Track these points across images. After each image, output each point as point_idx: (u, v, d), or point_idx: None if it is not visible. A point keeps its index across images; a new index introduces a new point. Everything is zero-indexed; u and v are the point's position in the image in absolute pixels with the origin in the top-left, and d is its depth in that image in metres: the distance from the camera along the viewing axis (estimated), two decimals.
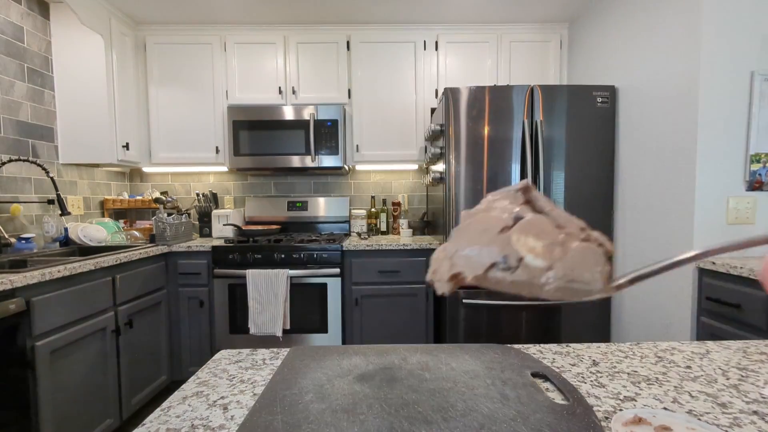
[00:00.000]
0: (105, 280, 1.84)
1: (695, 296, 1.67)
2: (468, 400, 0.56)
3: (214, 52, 2.69)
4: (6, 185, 2.04)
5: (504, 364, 0.69)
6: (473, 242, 0.23)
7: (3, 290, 1.35)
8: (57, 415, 1.55)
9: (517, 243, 0.22)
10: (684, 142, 1.74)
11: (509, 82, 2.73)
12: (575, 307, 2.25)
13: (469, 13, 2.61)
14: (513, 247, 0.22)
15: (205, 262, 2.38)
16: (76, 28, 2.30)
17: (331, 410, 0.54)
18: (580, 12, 2.59)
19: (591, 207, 2.23)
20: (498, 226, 0.24)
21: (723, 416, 0.53)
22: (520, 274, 0.22)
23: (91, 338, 1.75)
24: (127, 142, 2.50)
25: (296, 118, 2.60)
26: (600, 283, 0.21)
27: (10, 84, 2.07)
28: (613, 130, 2.23)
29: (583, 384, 0.63)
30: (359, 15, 2.63)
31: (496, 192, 0.27)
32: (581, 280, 0.21)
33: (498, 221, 0.24)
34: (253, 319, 2.29)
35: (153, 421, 0.54)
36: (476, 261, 0.23)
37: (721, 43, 1.64)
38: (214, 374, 0.69)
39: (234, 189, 3.03)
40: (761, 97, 1.63)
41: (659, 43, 1.89)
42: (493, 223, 0.24)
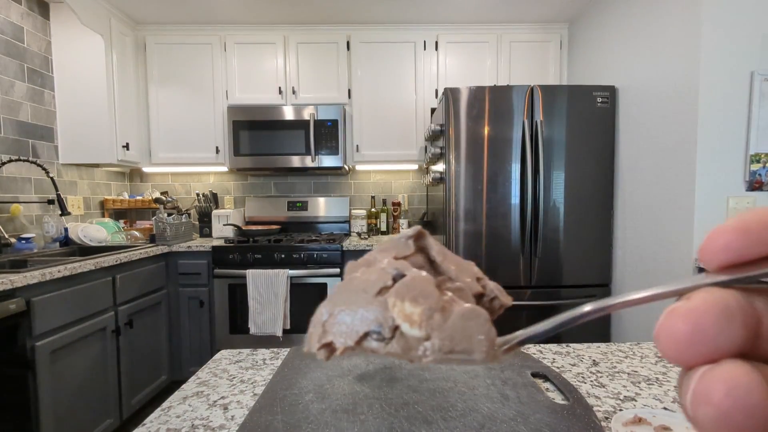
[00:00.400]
0: (105, 280, 1.84)
1: None
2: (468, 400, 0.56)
3: (214, 52, 2.69)
4: (6, 185, 2.04)
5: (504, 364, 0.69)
6: (350, 305, 0.21)
7: (3, 290, 1.35)
8: (57, 415, 1.55)
9: (393, 309, 0.20)
10: (684, 142, 1.74)
11: (509, 82, 2.73)
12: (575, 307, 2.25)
13: (469, 13, 2.61)
14: (390, 314, 0.20)
15: (205, 262, 2.38)
16: (76, 28, 2.30)
17: (331, 410, 0.55)
18: (579, 12, 2.59)
19: (591, 207, 2.23)
20: (376, 286, 0.21)
21: None
22: (394, 345, 0.20)
23: (91, 338, 1.75)
24: (127, 142, 2.50)
25: (296, 118, 2.60)
26: (482, 354, 0.19)
27: (10, 84, 2.07)
28: (613, 130, 2.23)
29: (583, 384, 0.63)
30: (359, 15, 2.63)
31: (386, 241, 0.25)
32: (461, 350, 0.19)
33: (378, 280, 0.21)
34: (254, 319, 2.29)
35: (153, 421, 0.54)
36: (349, 329, 0.20)
37: (721, 43, 1.64)
38: (215, 374, 0.69)
39: (234, 189, 3.03)
40: (761, 97, 1.63)
41: (659, 43, 1.89)
42: (372, 281, 0.21)
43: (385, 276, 0.22)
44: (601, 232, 2.25)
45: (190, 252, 2.39)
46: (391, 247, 0.24)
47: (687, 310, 0.14)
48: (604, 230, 2.25)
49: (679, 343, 0.13)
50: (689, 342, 0.13)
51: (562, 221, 2.22)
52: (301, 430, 0.50)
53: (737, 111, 1.65)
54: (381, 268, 0.23)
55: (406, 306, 0.20)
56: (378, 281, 0.22)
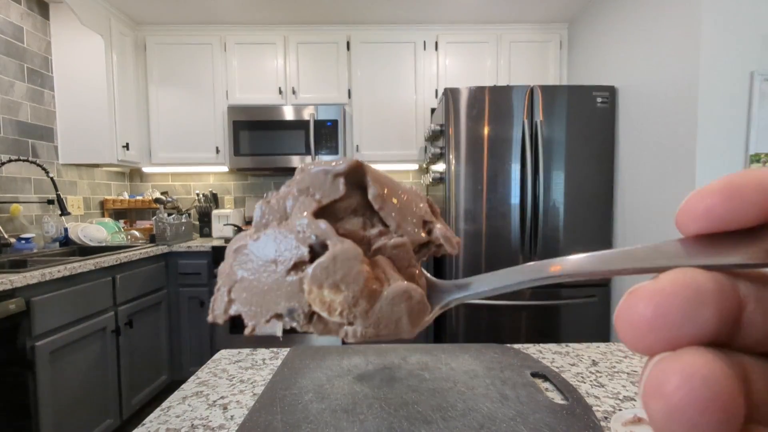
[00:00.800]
0: (105, 280, 1.84)
1: None
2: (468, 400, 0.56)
3: (214, 52, 2.69)
4: (6, 185, 2.04)
5: (503, 363, 0.69)
6: (259, 276, 0.18)
7: (3, 290, 1.35)
8: (57, 415, 1.55)
9: (309, 295, 0.17)
10: (684, 142, 1.74)
11: (509, 82, 2.73)
12: (575, 307, 2.25)
13: (469, 13, 2.61)
14: (304, 298, 0.17)
15: (206, 262, 2.38)
16: (76, 28, 2.30)
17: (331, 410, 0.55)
18: (579, 12, 2.59)
19: (591, 207, 2.23)
20: (290, 259, 0.18)
21: None
22: (312, 328, 0.18)
23: (91, 338, 1.75)
24: (127, 142, 2.50)
25: (296, 118, 2.60)
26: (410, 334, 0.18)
27: (9, 84, 2.07)
28: (613, 130, 2.23)
29: (582, 384, 0.63)
30: (359, 15, 2.63)
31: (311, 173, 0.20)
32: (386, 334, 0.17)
33: (292, 250, 0.18)
34: None
35: (153, 421, 0.54)
36: (258, 306, 0.18)
37: (721, 43, 1.64)
38: (214, 374, 0.69)
39: (234, 189, 3.03)
40: (761, 97, 1.63)
41: (659, 43, 1.89)
42: (285, 251, 0.18)
43: (301, 244, 0.18)
44: (601, 232, 2.25)
45: (191, 252, 2.39)
46: (316, 185, 0.19)
47: (651, 291, 0.12)
48: (604, 230, 2.25)
49: (638, 328, 0.12)
50: (649, 327, 0.11)
51: (562, 221, 2.22)
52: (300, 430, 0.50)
53: (737, 111, 1.65)
54: (297, 230, 0.18)
55: (324, 293, 0.17)
56: (292, 253, 0.18)
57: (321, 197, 0.19)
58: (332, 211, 0.19)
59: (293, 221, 0.19)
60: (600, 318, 2.27)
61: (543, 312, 2.24)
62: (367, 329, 0.17)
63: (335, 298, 0.17)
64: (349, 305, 0.17)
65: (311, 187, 0.19)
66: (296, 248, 0.18)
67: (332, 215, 0.19)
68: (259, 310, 0.18)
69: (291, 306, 0.18)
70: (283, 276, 0.18)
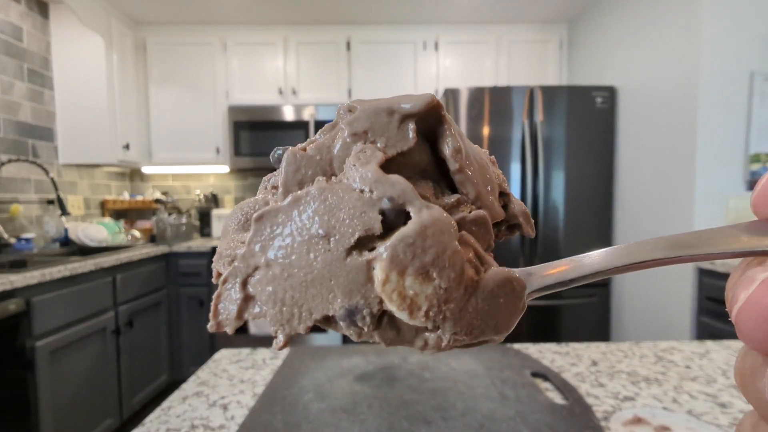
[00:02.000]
0: (105, 281, 1.84)
1: (695, 296, 1.67)
2: (467, 400, 0.56)
3: (214, 52, 2.69)
4: (6, 185, 2.04)
5: (503, 363, 0.69)
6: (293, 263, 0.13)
7: (3, 290, 1.35)
8: (57, 415, 1.55)
9: (383, 286, 0.12)
10: (684, 142, 1.74)
11: (509, 82, 2.73)
12: (575, 307, 2.25)
13: (469, 13, 2.61)
14: (373, 291, 0.12)
15: (206, 262, 2.38)
16: (76, 29, 2.30)
17: (331, 410, 0.55)
18: (579, 12, 2.59)
19: (591, 207, 2.23)
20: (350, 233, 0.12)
21: (722, 416, 0.53)
22: (379, 335, 0.13)
23: (91, 338, 1.75)
24: (128, 142, 2.50)
25: (296, 118, 2.60)
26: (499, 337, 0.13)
27: (9, 84, 2.07)
28: (613, 130, 2.23)
29: (582, 384, 0.63)
30: (359, 15, 2.63)
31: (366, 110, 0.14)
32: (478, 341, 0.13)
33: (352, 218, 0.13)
34: None
35: (153, 421, 0.54)
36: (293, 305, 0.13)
37: (721, 43, 1.64)
38: (214, 374, 0.69)
39: (234, 189, 3.03)
40: (761, 97, 1.63)
41: (659, 43, 1.89)
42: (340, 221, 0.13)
43: (368, 209, 0.13)
44: (601, 232, 2.25)
45: (191, 252, 2.39)
46: (377, 128, 0.14)
47: None
48: (604, 230, 2.25)
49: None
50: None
51: (562, 221, 2.22)
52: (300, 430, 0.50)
53: (737, 111, 1.65)
54: (360, 188, 0.13)
55: (407, 284, 0.12)
56: (354, 222, 0.13)
57: (385, 145, 0.14)
58: (396, 169, 0.14)
59: (351, 175, 0.13)
60: (600, 318, 2.27)
61: (543, 312, 2.25)
62: (457, 335, 0.13)
63: (422, 291, 0.12)
64: (439, 301, 0.12)
65: (370, 131, 0.14)
66: (361, 215, 0.13)
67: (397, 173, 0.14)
68: (297, 311, 0.13)
69: (352, 304, 0.12)
70: (341, 258, 0.12)
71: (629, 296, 2.12)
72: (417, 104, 0.14)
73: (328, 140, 0.14)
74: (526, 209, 0.16)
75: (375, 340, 0.13)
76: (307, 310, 0.13)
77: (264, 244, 0.13)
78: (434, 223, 0.12)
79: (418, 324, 0.13)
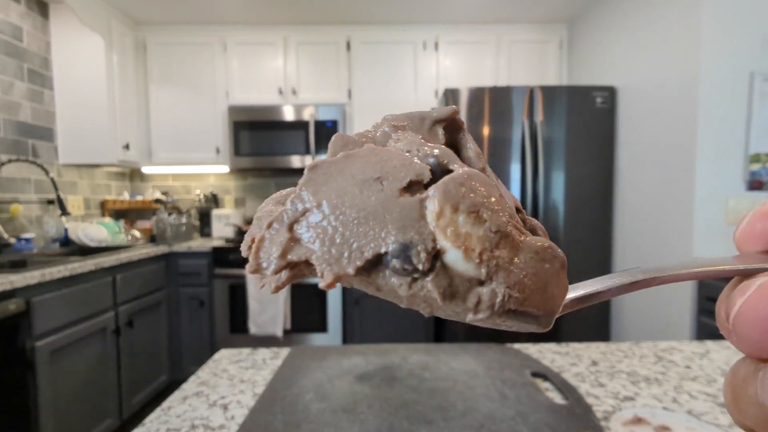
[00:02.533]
0: (105, 281, 1.84)
1: (695, 296, 1.67)
2: (468, 400, 0.56)
3: (214, 52, 2.69)
4: (6, 186, 2.04)
5: (504, 363, 0.69)
6: (345, 202, 0.13)
7: (3, 290, 1.35)
8: (57, 415, 1.55)
9: (437, 221, 0.12)
10: (683, 142, 1.74)
11: (509, 82, 2.73)
12: None
13: (469, 13, 2.61)
14: (427, 228, 0.12)
15: (206, 263, 2.38)
16: (76, 29, 2.30)
17: (331, 410, 0.55)
18: (579, 12, 2.59)
19: (591, 207, 2.23)
20: (403, 176, 0.13)
21: (722, 416, 0.53)
22: (428, 285, 0.12)
23: (91, 338, 1.75)
24: (128, 142, 2.50)
25: (296, 118, 2.60)
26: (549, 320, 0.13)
27: (9, 84, 2.07)
28: (613, 130, 2.23)
29: (582, 384, 0.63)
30: (359, 15, 2.63)
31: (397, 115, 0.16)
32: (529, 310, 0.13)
33: (403, 165, 0.13)
34: (254, 319, 2.29)
35: (153, 421, 0.54)
36: (343, 243, 0.12)
37: (721, 42, 1.64)
38: (215, 374, 0.69)
39: (234, 189, 3.03)
40: (761, 97, 1.63)
41: (659, 43, 1.89)
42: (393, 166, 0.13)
43: (416, 161, 0.13)
44: (601, 232, 2.25)
45: (191, 252, 2.39)
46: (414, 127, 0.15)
47: None
48: (604, 230, 2.25)
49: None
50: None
51: (562, 221, 2.22)
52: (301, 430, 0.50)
53: (737, 111, 1.65)
54: (408, 149, 0.14)
55: (460, 220, 0.12)
56: (407, 168, 0.13)
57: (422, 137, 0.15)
58: None
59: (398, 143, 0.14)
60: (600, 318, 2.27)
61: None
62: (510, 290, 0.12)
63: (474, 231, 0.12)
64: (491, 244, 0.12)
65: (408, 126, 0.15)
66: (411, 164, 0.13)
67: None
68: (347, 250, 0.12)
69: (407, 239, 0.12)
70: (394, 197, 0.12)
71: (629, 296, 2.12)
72: (444, 112, 0.16)
73: (371, 134, 0.16)
74: (540, 225, 0.17)
75: (428, 289, 0.12)
76: (358, 249, 0.12)
77: (316, 188, 0.13)
78: (478, 174, 0.13)
79: (472, 270, 0.12)
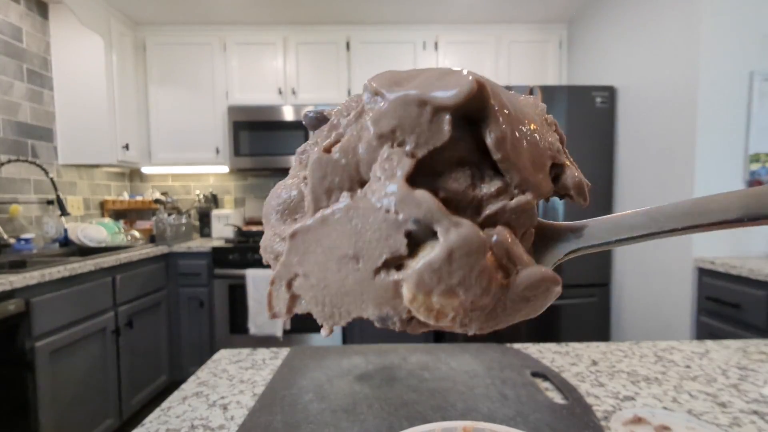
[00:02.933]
0: (105, 281, 1.84)
1: (694, 296, 1.67)
2: (467, 400, 0.56)
3: (213, 52, 2.69)
4: (5, 186, 2.04)
5: (503, 363, 0.69)
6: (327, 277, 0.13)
7: (3, 291, 1.35)
8: (57, 415, 1.55)
9: (411, 303, 0.13)
10: (683, 142, 1.74)
11: (509, 82, 2.73)
12: (575, 307, 2.25)
13: (469, 13, 2.61)
14: (401, 304, 0.13)
15: (205, 263, 2.38)
16: (76, 29, 2.30)
17: (331, 410, 0.55)
18: (579, 12, 2.59)
19: (591, 207, 2.23)
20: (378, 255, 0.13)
21: (723, 416, 0.53)
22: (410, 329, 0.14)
23: (91, 339, 1.75)
24: (127, 142, 2.50)
25: (296, 118, 2.60)
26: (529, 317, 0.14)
27: (9, 85, 2.07)
28: (613, 130, 2.23)
29: (582, 383, 0.63)
30: (359, 15, 2.63)
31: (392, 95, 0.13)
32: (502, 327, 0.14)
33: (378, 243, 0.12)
34: (253, 319, 2.29)
35: (153, 421, 0.54)
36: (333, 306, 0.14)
37: (720, 42, 1.64)
38: (214, 374, 0.69)
39: (234, 189, 3.03)
40: (761, 97, 1.63)
41: (659, 43, 1.89)
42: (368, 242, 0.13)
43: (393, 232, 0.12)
44: None
45: (190, 252, 2.39)
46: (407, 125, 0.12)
47: None
48: None
49: None
50: None
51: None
52: (300, 430, 0.50)
53: (737, 111, 1.65)
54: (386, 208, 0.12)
55: (433, 300, 0.12)
56: (381, 246, 0.12)
57: (415, 146, 0.13)
58: (429, 164, 0.13)
59: (377, 191, 0.13)
60: (600, 318, 2.27)
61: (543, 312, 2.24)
62: (483, 329, 0.13)
63: (448, 304, 0.12)
64: (465, 310, 0.13)
65: (398, 129, 0.13)
66: (387, 238, 0.12)
67: (429, 169, 0.13)
68: (337, 311, 0.14)
69: (383, 313, 0.13)
70: (369, 278, 0.13)
71: (629, 296, 2.12)
72: (454, 96, 0.12)
73: (353, 140, 0.14)
74: (580, 180, 0.16)
75: (406, 331, 0.14)
76: (345, 311, 0.14)
77: (300, 258, 0.14)
78: (461, 245, 0.12)
79: (446, 326, 0.13)
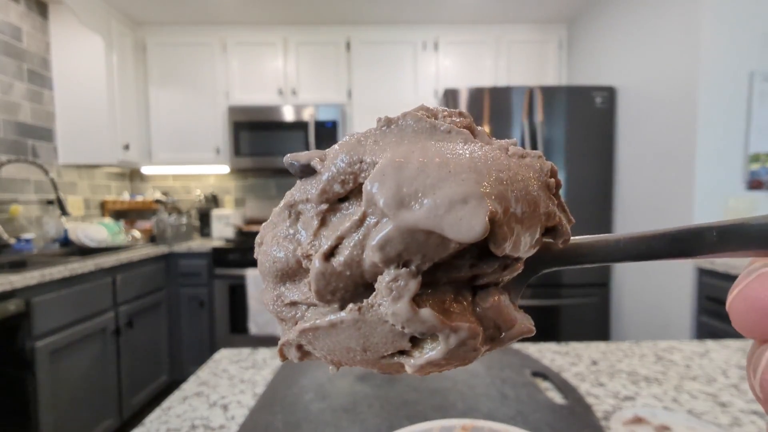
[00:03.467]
0: (105, 281, 1.84)
1: (695, 296, 1.67)
2: (468, 400, 0.56)
3: (214, 52, 2.69)
4: (5, 186, 2.04)
5: (503, 363, 0.69)
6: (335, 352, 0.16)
7: (3, 291, 1.35)
8: (57, 415, 1.55)
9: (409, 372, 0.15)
10: (683, 142, 1.74)
11: (508, 82, 2.73)
12: (575, 307, 2.25)
13: (469, 13, 2.61)
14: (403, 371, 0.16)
15: (206, 263, 2.38)
16: (76, 29, 2.30)
17: (331, 409, 0.55)
18: (579, 12, 2.59)
19: (591, 207, 2.24)
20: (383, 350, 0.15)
21: (723, 415, 0.53)
22: None
23: (91, 339, 1.75)
24: (127, 142, 2.50)
25: (296, 118, 2.60)
26: None
27: (9, 85, 2.07)
28: (613, 130, 2.23)
29: (582, 383, 0.63)
30: (359, 15, 2.63)
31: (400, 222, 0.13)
32: None
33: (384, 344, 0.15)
34: (254, 319, 2.29)
35: (153, 421, 0.54)
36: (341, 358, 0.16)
37: (720, 42, 1.64)
38: (215, 374, 0.69)
39: (234, 189, 3.03)
40: (761, 97, 1.63)
41: (659, 43, 1.89)
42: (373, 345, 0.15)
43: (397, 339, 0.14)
44: (601, 232, 2.24)
45: (191, 252, 2.39)
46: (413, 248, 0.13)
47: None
48: (604, 230, 2.25)
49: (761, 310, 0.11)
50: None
51: None
52: (301, 430, 0.50)
53: (737, 111, 1.65)
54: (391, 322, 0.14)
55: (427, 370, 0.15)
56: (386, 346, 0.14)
57: (421, 262, 0.13)
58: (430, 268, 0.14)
59: (384, 307, 0.14)
60: (600, 318, 2.27)
61: (543, 312, 2.24)
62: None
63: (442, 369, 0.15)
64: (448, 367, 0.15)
65: (405, 253, 0.13)
66: (393, 342, 0.14)
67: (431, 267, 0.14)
68: (345, 361, 0.16)
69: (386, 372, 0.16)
70: (376, 360, 0.15)
71: (629, 296, 2.12)
72: (464, 237, 0.12)
73: (356, 255, 0.14)
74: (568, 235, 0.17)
75: None
76: (352, 363, 0.16)
77: (309, 341, 0.16)
78: (459, 344, 0.14)
79: None
